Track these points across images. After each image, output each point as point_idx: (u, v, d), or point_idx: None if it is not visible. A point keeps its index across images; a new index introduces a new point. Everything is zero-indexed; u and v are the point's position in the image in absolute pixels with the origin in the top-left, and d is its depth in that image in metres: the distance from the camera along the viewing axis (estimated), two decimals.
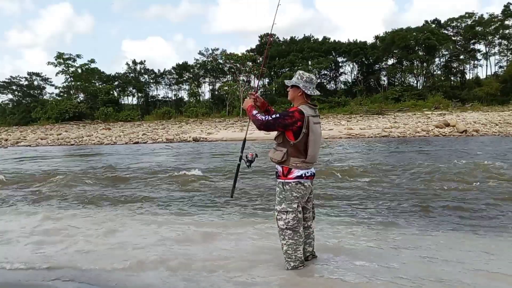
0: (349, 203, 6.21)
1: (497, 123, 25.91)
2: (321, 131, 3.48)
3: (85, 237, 4.78)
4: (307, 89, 3.37)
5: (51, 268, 3.84)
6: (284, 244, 3.40)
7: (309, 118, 3.25)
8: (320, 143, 3.49)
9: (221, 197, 6.97)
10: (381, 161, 11.57)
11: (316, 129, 3.35)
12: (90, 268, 3.80)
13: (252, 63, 61.20)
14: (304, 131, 3.24)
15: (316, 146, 3.37)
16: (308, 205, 3.56)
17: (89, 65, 65.31)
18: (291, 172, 3.33)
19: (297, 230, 3.37)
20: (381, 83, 63.11)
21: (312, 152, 3.32)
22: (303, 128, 3.23)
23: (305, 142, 3.27)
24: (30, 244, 4.57)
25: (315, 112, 3.39)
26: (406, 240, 4.34)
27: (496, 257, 3.79)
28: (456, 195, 6.55)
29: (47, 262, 3.97)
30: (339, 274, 3.43)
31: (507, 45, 59.16)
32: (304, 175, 3.35)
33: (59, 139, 28.98)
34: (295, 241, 3.37)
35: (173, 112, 57.63)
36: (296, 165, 3.31)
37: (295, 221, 3.34)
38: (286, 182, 3.35)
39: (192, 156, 15.34)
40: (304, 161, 3.31)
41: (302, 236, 3.43)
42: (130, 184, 8.69)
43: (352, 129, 26.52)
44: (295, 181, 3.33)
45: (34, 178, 9.80)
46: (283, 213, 3.35)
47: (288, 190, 3.34)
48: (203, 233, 4.79)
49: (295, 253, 3.39)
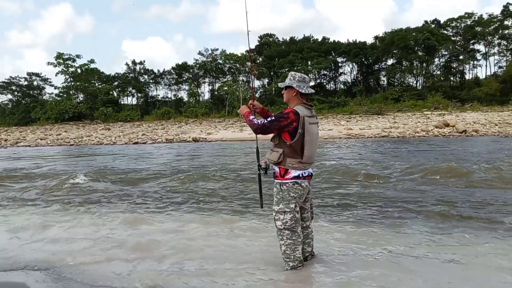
0: (347, 204, 6.21)
1: (497, 123, 25.93)
2: (317, 131, 3.49)
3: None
4: (301, 88, 3.40)
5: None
6: (283, 244, 3.40)
7: (304, 119, 3.28)
8: (317, 144, 3.50)
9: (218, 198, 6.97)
10: (381, 161, 11.56)
11: (312, 129, 3.36)
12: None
13: (251, 63, 61.16)
14: (299, 131, 3.26)
15: (313, 146, 3.38)
16: (306, 205, 3.56)
17: (89, 65, 65.34)
18: (288, 173, 3.34)
19: (295, 230, 3.37)
20: (381, 83, 63.15)
21: (308, 153, 3.33)
22: (299, 129, 3.26)
23: (301, 143, 3.29)
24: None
25: (311, 113, 3.41)
26: (405, 242, 4.34)
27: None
28: (457, 196, 6.55)
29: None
30: (338, 275, 3.43)
31: (507, 45, 59.20)
32: (301, 176, 3.36)
33: (58, 139, 28.97)
34: (293, 241, 3.38)
35: (172, 112, 57.58)
36: (292, 166, 3.32)
37: (293, 221, 3.35)
38: (283, 182, 3.36)
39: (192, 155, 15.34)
40: (300, 162, 3.33)
41: (300, 236, 3.43)
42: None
43: (352, 129, 26.53)
44: (292, 181, 3.34)
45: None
46: (281, 213, 3.36)
47: (285, 190, 3.35)
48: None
49: (294, 253, 3.39)
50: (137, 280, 3.49)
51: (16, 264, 4.00)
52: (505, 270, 3.46)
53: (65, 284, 3.51)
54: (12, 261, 4.09)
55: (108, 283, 3.47)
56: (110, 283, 3.47)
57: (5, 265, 3.98)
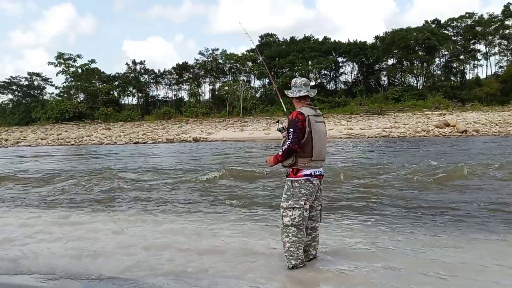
0: (348, 204, 6.21)
1: (497, 123, 25.93)
2: (325, 129, 3.57)
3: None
4: (294, 93, 3.50)
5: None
6: (287, 241, 3.42)
7: (309, 117, 3.35)
8: (326, 141, 3.59)
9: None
10: (380, 161, 11.56)
11: (319, 127, 3.44)
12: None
13: (252, 63, 61.18)
14: (308, 130, 3.33)
15: (321, 143, 3.46)
16: (315, 203, 3.58)
17: (89, 65, 65.23)
18: (300, 171, 3.40)
19: (301, 228, 3.41)
20: (381, 83, 63.08)
21: (318, 150, 3.40)
22: (307, 127, 3.33)
23: (310, 141, 3.35)
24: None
25: (316, 112, 3.50)
26: (405, 242, 4.35)
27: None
28: (457, 196, 6.55)
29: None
30: (337, 275, 3.44)
31: (507, 45, 59.07)
32: (313, 174, 3.42)
33: (59, 139, 29.00)
34: (298, 239, 3.40)
35: (173, 112, 57.52)
36: (304, 165, 3.38)
37: (301, 218, 3.39)
38: (295, 179, 3.41)
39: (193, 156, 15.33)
40: (311, 160, 3.38)
41: (305, 235, 3.46)
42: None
43: (352, 129, 26.53)
44: (304, 178, 3.39)
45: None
46: (290, 210, 3.40)
47: (297, 187, 3.40)
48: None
49: (297, 251, 3.41)
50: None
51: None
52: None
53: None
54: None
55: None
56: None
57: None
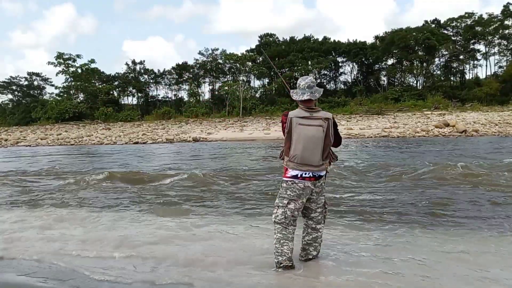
0: (346, 205, 6.22)
1: (497, 123, 25.93)
2: (316, 134, 3.38)
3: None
4: (297, 95, 3.54)
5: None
6: (274, 237, 3.53)
7: (292, 119, 3.41)
8: (315, 146, 3.38)
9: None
10: (380, 161, 11.58)
11: (303, 130, 3.37)
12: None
13: (252, 63, 61.17)
14: (286, 130, 3.44)
15: (305, 147, 3.35)
16: (312, 205, 3.60)
17: (89, 65, 65.19)
18: (287, 171, 3.49)
19: (286, 226, 3.48)
20: (381, 83, 63.09)
21: (295, 152, 3.39)
22: (286, 128, 3.44)
23: (290, 142, 3.44)
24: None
25: (308, 114, 3.40)
26: (402, 243, 4.36)
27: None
28: (457, 197, 6.57)
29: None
30: (336, 275, 3.46)
31: (507, 45, 59.08)
32: (299, 176, 3.43)
33: (59, 139, 28.99)
34: (283, 236, 3.48)
35: (173, 112, 57.50)
36: (287, 164, 3.47)
37: (283, 217, 3.47)
38: (284, 180, 3.52)
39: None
40: (290, 161, 3.44)
41: (291, 233, 3.51)
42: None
43: (352, 129, 26.53)
44: (290, 180, 3.47)
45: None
46: (275, 207, 3.54)
47: (283, 187, 3.52)
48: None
49: (282, 248, 3.48)
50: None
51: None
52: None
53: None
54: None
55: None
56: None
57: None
